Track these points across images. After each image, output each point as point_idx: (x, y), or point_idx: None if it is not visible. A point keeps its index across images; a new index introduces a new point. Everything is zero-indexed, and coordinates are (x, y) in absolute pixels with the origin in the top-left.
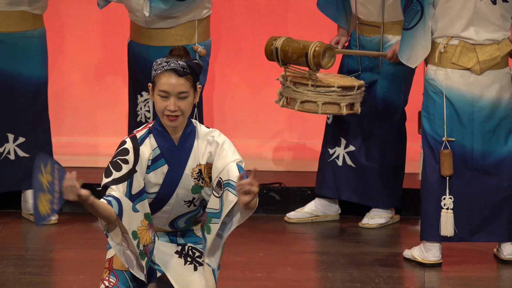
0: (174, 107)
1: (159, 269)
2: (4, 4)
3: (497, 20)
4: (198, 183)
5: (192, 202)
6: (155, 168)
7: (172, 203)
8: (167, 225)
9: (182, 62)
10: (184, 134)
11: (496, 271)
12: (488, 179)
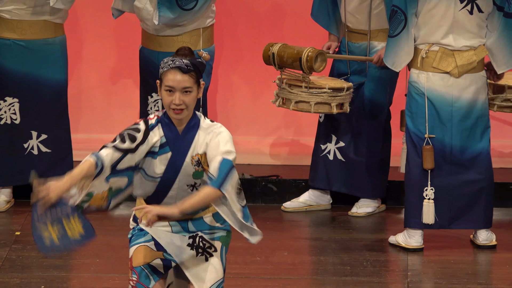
0: (179, 101)
1: (174, 259)
2: (28, 14)
3: (474, 28)
4: (198, 169)
5: (194, 187)
6: (161, 154)
7: (176, 188)
8: None
9: (186, 60)
10: (188, 125)
11: (472, 255)
12: (465, 172)
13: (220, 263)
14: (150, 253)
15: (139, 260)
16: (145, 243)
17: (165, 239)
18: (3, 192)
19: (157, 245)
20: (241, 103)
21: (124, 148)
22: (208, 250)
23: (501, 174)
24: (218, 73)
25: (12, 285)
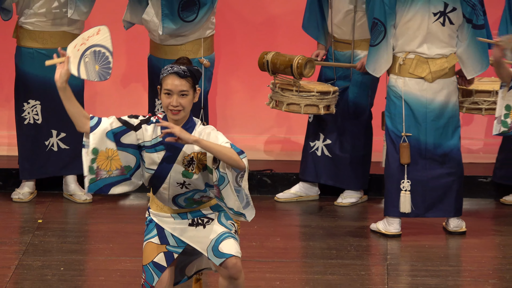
0: (176, 103)
1: (176, 250)
2: (48, 26)
3: (446, 38)
4: (188, 169)
5: (183, 185)
6: (156, 151)
7: (168, 183)
8: (171, 202)
9: (183, 67)
10: (183, 127)
11: (444, 240)
12: (438, 167)
13: (218, 225)
14: (155, 249)
15: (146, 259)
16: (151, 239)
17: (169, 225)
18: (27, 185)
19: (161, 238)
20: (238, 105)
21: (124, 120)
22: (205, 224)
23: (470, 168)
24: (217, 78)
25: (35, 267)
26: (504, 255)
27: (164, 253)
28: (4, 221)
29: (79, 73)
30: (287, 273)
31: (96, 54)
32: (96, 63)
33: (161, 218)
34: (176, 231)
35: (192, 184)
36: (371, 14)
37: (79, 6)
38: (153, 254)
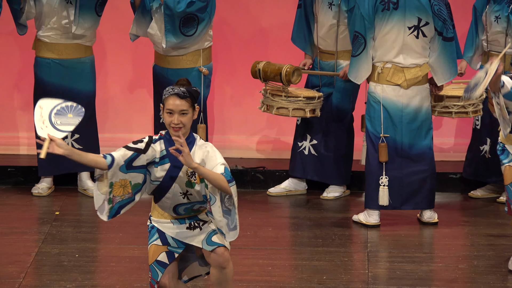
0: (177, 121)
1: (177, 250)
2: (63, 39)
3: (419, 50)
4: (191, 179)
5: (186, 195)
6: (161, 164)
7: (172, 192)
8: (171, 210)
9: (183, 88)
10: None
11: (419, 230)
12: (413, 164)
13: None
14: (157, 250)
15: (151, 259)
16: (154, 242)
17: (170, 229)
18: (45, 181)
19: (162, 240)
20: (233, 109)
21: (133, 147)
22: (201, 226)
23: (441, 166)
24: (215, 85)
25: (53, 254)
26: (472, 243)
27: (166, 253)
28: (25, 213)
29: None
30: (278, 259)
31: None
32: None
33: (162, 224)
34: (176, 235)
35: (193, 195)
36: (352, 27)
37: (81, 23)
38: (157, 254)
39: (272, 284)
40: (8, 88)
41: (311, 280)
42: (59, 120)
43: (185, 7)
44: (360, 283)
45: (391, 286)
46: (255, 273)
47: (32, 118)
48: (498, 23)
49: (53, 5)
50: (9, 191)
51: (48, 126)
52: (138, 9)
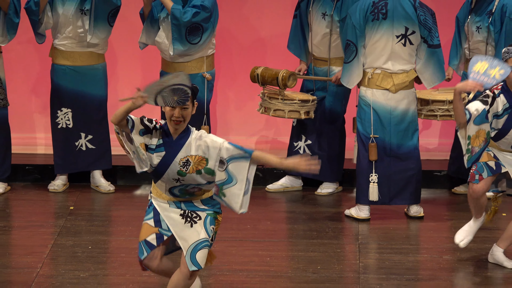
0: (178, 115)
1: (166, 233)
2: (78, 47)
3: (406, 57)
4: (183, 169)
5: (178, 180)
6: (157, 152)
7: (166, 178)
8: (167, 192)
9: None
10: (180, 135)
11: (406, 223)
12: (400, 163)
13: (202, 228)
14: (149, 230)
15: (141, 237)
16: (147, 220)
17: (164, 211)
18: (60, 178)
19: (156, 222)
20: (234, 111)
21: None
22: (194, 219)
23: (427, 164)
24: (217, 89)
25: (68, 246)
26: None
27: (156, 234)
28: (41, 208)
29: (156, 103)
30: (275, 250)
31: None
32: (175, 95)
33: (159, 203)
34: (169, 220)
35: (186, 180)
36: (344, 36)
37: (96, 33)
38: (147, 234)
39: (270, 273)
40: (26, 92)
41: (306, 269)
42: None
43: (191, 17)
44: (352, 273)
45: (380, 276)
46: (255, 263)
47: (49, 121)
48: (479, 33)
49: (68, 16)
50: (27, 188)
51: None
52: (147, 19)
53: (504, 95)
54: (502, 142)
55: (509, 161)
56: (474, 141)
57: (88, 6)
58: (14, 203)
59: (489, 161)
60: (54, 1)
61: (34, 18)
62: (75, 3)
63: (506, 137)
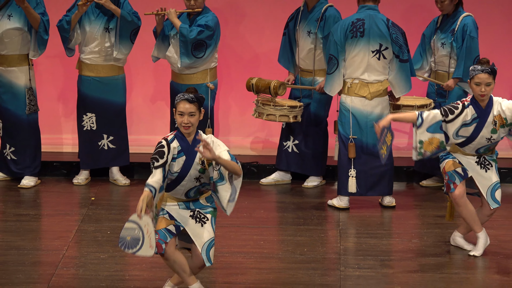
0: (187, 121)
1: (181, 225)
2: (101, 61)
3: (381, 69)
4: (202, 166)
5: (198, 179)
6: (178, 158)
7: (187, 180)
8: (183, 195)
9: (191, 95)
10: (194, 138)
11: (380, 212)
12: (375, 160)
13: (211, 228)
14: (166, 222)
15: (160, 226)
16: (163, 215)
17: (176, 212)
18: (84, 173)
19: (170, 217)
20: (233, 116)
21: (162, 163)
22: (203, 220)
23: (398, 161)
24: (219, 97)
25: (90, 231)
26: (423, 222)
27: (174, 225)
28: (67, 198)
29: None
30: (268, 235)
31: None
32: None
33: (169, 206)
34: (181, 218)
35: (204, 178)
36: (327, 51)
37: (121, 49)
38: (167, 224)
39: (264, 255)
40: (54, 99)
41: (294, 251)
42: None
43: (196, 35)
44: (333, 254)
45: (358, 257)
46: (250, 246)
47: (75, 123)
48: (444, 48)
49: (94, 34)
50: (54, 181)
51: None
52: (159, 36)
53: (473, 106)
54: (468, 147)
55: (471, 166)
56: (427, 146)
57: (113, 25)
58: (43, 195)
59: (457, 168)
60: (82, 20)
61: (65, 35)
62: (101, 23)
63: (473, 143)
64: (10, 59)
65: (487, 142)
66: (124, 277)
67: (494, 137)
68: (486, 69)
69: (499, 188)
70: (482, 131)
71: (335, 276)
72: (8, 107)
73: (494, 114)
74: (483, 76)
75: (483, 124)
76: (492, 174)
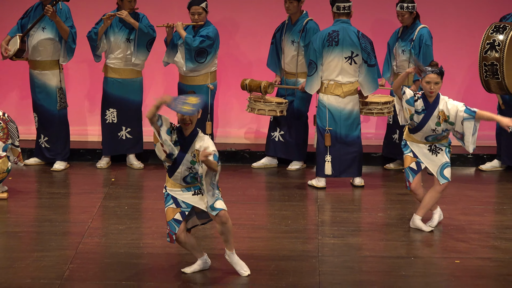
0: (188, 119)
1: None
2: (122, 65)
3: (352, 72)
4: (194, 159)
5: (190, 169)
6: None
7: (181, 168)
8: (182, 180)
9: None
10: (190, 134)
11: (351, 191)
12: (347, 147)
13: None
14: (174, 211)
15: (169, 217)
16: (170, 205)
17: (180, 197)
18: (105, 159)
19: (176, 204)
20: (229, 111)
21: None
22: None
23: (367, 148)
24: (218, 96)
25: (110, 207)
26: (387, 199)
27: (180, 213)
28: (91, 179)
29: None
30: (259, 210)
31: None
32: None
33: (175, 192)
34: (186, 199)
35: (194, 169)
36: (307, 57)
37: (138, 56)
38: (173, 214)
39: (255, 226)
40: (81, 97)
41: (280, 223)
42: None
43: (199, 44)
44: (313, 226)
45: (333, 228)
46: (244, 219)
47: (95, 117)
48: (404, 54)
49: (118, 43)
50: (80, 165)
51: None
52: (169, 45)
53: (422, 100)
54: (418, 135)
55: (423, 153)
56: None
57: (133, 36)
58: (72, 176)
59: (411, 164)
60: (108, 32)
61: (93, 44)
62: (123, 34)
63: (421, 131)
64: (44, 64)
65: (432, 132)
66: (139, 245)
67: (438, 129)
68: (435, 70)
69: (448, 167)
70: (428, 122)
71: (314, 244)
72: (43, 104)
73: (440, 109)
74: (433, 76)
75: (429, 117)
76: (442, 156)
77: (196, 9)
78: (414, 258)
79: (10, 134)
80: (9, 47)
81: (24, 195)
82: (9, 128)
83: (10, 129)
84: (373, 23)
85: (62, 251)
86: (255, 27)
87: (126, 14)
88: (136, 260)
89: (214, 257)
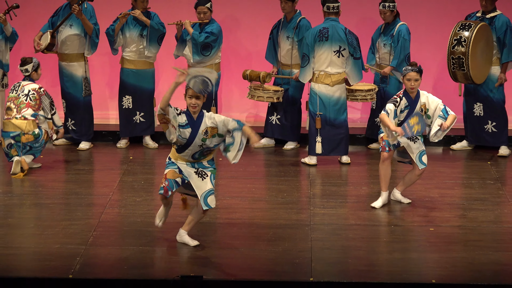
0: (194, 103)
1: (186, 178)
2: (137, 56)
3: (340, 64)
4: (204, 136)
5: (201, 146)
6: (186, 128)
7: (193, 145)
8: (190, 157)
9: None
10: (199, 116)
11: (339, 167)
12: (335, 129)
13: (210, 182)
14: (176, 174)
15: (170, 175)
16: (172, 167)
17: (184, 168)
18: (124, 140)
19: (179, 171)
20: (232, 97)
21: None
22: (204, 176)
23: (352, 130)
24: (222, 84)
25: (128, 182)
26: (371, 174)
27: (181, 178)
28: (112, 157)
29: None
30: (258, 184)
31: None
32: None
33: (180, 164)
34: (188, 173)
35: (206, 144)
36: (301, 50)
37: (150, 49)
38: (175, 176)
39: (255, 198)
40: (102, 85)
41: (277, 196)
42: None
43: (204, 39)
44: (305, 198)
45: (323, 199)
46: (245, 192)
47: (116, 103)
48: (385, 47)
49: (133, 38)
50: (102, 146)
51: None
52: (179, 40)
53: (405, 97)
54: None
55: (404, 140)
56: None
57: (145, 32)
58: (95, 155)
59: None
60: (124, 28)
61: (111, 39)
62: (137, 30)
63: (404, 125)
64: (71, 57)
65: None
66: (153, 215)
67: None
68: (415, 69)
69: (425, 154)
70: (413, 117)
71: (307, 214)
72: (70, 91)
73: (422, 102)
74: (413, 74)
75: (412, 111)
76: (419, 144)
77: (202, 9)
78: (394, 226)
79: (43, 106)
80: (41, 42)
81: (53, 171)
82: (42, 100)
83: (43, 102)
84: (358, 21)
85: (87, 220)
86: (254, 24)
87: (139, 13)
88: (151, 228)
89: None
